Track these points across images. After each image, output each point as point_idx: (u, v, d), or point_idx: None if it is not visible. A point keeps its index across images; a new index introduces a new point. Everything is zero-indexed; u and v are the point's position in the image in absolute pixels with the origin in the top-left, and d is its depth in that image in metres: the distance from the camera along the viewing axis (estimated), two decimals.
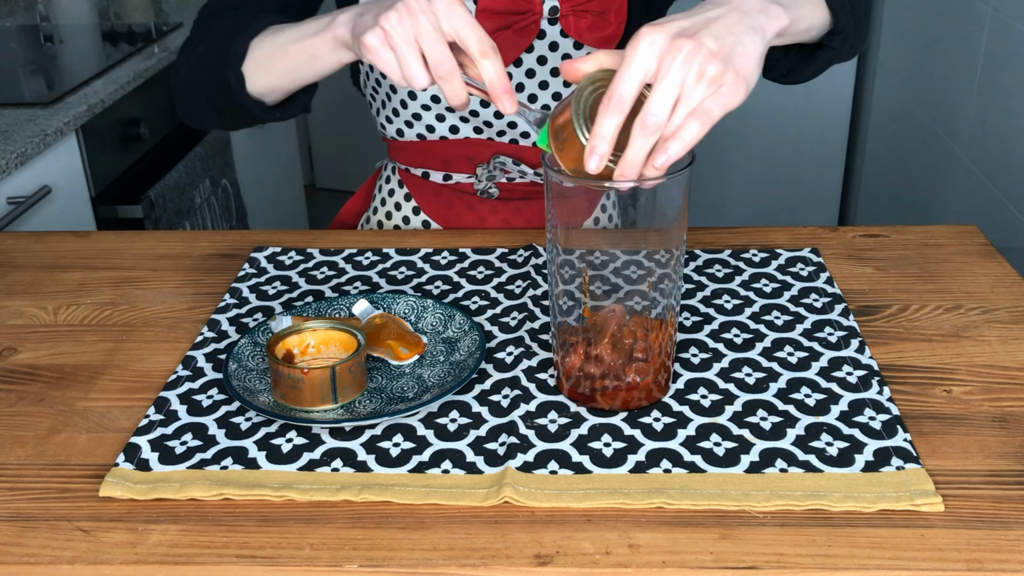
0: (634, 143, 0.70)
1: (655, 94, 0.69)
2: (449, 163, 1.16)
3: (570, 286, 0.78)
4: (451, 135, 1.13)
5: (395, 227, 1.21)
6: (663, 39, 0.69)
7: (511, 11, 1.05)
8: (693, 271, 1.01)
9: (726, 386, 0.83)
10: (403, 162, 1.19)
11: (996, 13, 1.86)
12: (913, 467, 0.73)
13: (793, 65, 0.97)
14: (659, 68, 0.69)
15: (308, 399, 0.79)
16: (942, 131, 2.16)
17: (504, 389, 0.83)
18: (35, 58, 2.09)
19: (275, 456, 0.76)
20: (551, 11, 1.06)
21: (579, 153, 0.72)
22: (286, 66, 0.92)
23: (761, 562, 0.65)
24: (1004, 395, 0.82)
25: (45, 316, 0.98)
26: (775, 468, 0.73)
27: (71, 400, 0.84)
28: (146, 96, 1.99)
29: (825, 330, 0.91)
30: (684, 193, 0.75)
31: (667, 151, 0.70)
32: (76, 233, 1.16)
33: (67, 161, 1.72)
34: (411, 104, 1.11)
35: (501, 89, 0.76)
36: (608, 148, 0.70)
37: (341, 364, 0.79)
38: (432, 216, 1.19)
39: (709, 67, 0.69)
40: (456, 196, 1.17)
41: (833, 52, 0.94)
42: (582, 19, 1.05)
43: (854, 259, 1.04)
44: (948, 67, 2.13)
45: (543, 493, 0.71)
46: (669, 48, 0.69)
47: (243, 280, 1.03)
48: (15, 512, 0.71)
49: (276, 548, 0.67)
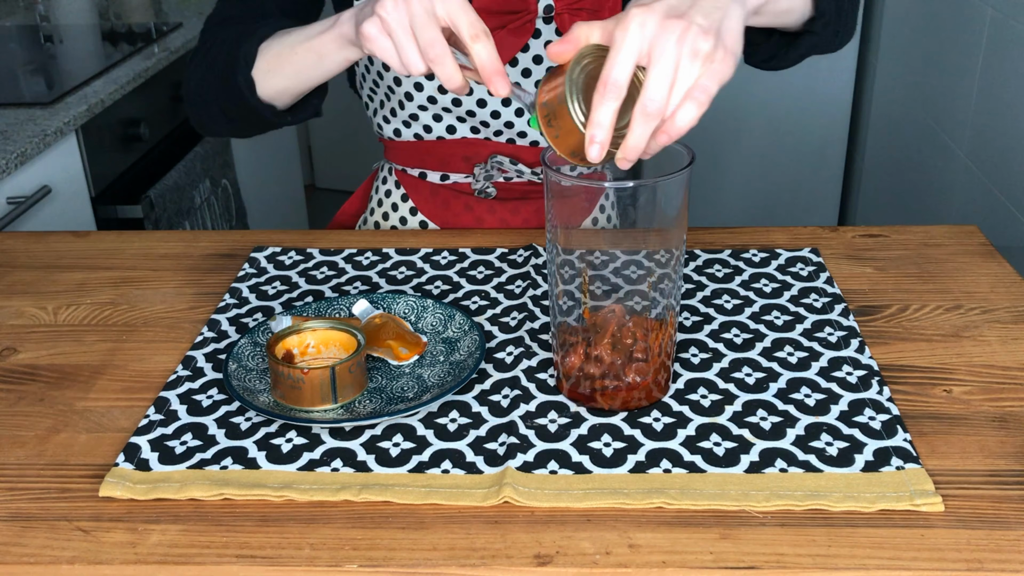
0: (635, 129, 0.69)
1: (652, 77, 0.68)
2: (446, 163, 1.16)
3: (570, 286, 0.78)
4: (448, 135, 1.13)
5: (392, 227, 1.21)
6: (654, 20, 0.69)
7: (506, 11, 1.05)
8: (693, 271, 1.01)
9: (726, 386, 0.83)
10: (400, 162, 1.19)
11: (996, 13, 1.86)
12: (913, 467, 0.73)
13: (775, 50, 0.97)
14: (652, 49, 0.69)
15: (308, 399, 0.79)
16: (942, 131, 2.16)
17: (504, 389, 0.83)
18: (35, 58, 2.09)
19: (275, 456, 0.76)
20: (546, 10, 1.06)
21: (574, 135, 0.71)
22: (294, 67, 0.92)
23: (761, 562, 0.65)
24: (1004, 395, 0.82)
25: (45, 316, 0.98)
26: (775, 468, 0.73)
27: (71, 400, 0.84)
28: (146, 96, 1.99)
29: (825, 330, 0.91)
30: (684, 193, 0.75)
31: (668, 132, 0.70)
32: (76, 233, 1.16)
33: (67, 161, 1.72)
34: (408, 104, 1.11)
35: (493, 71, 0.76)
36: (608, 135, 0.69)
37: (341, 364, 0.79)
38: (429, 216, 1.19)
39: (701, 44, 0.69)
40: (453, 196, 1.17)
41: (815, 38, 0.93)
42: (577, 17, 1.05)
43: (854, 259, 1.04)
44: (948, 67, 2.13)
45: (543, 493, 0.71)
46: (661, 29, 0.69)
47: (243, 280, 1.03)
48: (15, 512, 0.71)
49: (276, 548, 0.67)
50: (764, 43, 0.97)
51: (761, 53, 0.98)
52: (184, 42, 2.12)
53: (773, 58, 0.99)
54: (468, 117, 1.11)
